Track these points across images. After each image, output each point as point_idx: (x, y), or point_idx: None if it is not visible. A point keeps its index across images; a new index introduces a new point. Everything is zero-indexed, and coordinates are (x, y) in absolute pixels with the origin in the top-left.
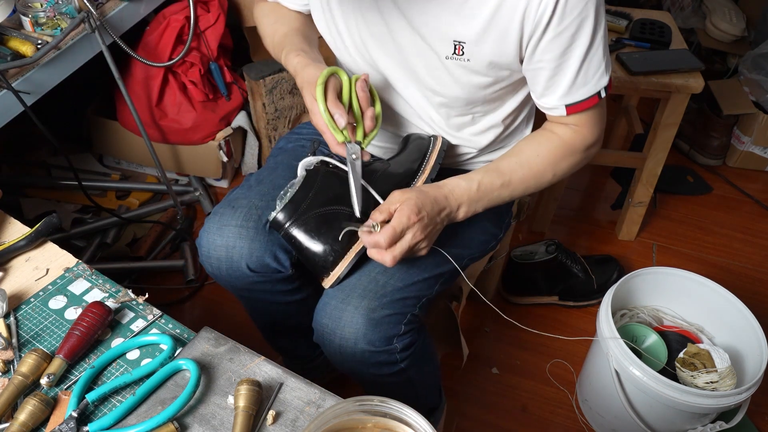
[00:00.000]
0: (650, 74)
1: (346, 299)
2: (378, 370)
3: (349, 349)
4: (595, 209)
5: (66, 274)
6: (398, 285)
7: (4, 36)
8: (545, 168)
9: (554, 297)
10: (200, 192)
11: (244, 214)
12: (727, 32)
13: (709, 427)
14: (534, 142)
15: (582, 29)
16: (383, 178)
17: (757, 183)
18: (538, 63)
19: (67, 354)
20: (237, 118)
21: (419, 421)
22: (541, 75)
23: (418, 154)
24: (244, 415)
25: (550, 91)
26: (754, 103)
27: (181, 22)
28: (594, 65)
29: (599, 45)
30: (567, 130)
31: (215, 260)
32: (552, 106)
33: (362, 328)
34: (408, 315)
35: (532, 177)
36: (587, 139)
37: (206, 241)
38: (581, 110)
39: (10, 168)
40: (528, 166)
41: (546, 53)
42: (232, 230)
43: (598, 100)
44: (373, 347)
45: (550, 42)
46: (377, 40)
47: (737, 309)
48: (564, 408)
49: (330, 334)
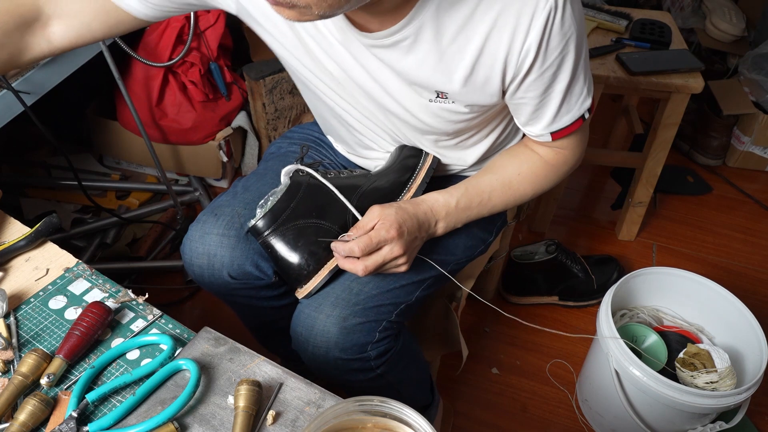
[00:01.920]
0: (650, 74)
1: (319, 308)
2: (354, 377)
3: (321, 357)
4: (595, 209)
5: (66, 274)
6: (372, 292)
7: None
8: (526, 187)
9: (554, 297)
10: (200, 192)
11: (226, 223)
12: (727, 32)
13: (709, 427)
14: (516, 161)
15: (563, 65)
16: (368, 195)
17: (757, 183)
18: (520, 99)
19: (67, 354)
20: (237, 118)
21: (419, 421)
22: (525, 109)
23: (405, 170)
24: (244, 415)
25: (535, 122)
26: (754, 103)
27: (181, 22)
28: (576, 94)
29: (580, 74)
30: (550, 151)
31: (197, 267)
32: (537, 134)
33: (334, 336)
34: (383, 322)
35: (511, 195)
36: (569, 161)
37: (188, 249)
38: (567, 134)
39: (10, 168)
40: (509, 185)
41: (528, 92)
42: (213, 238)
43: (582, 123)
44: (346, 355)
45: (533, 83)
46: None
47: (737, 309)
48: (564, 408)
49: (304, 343)
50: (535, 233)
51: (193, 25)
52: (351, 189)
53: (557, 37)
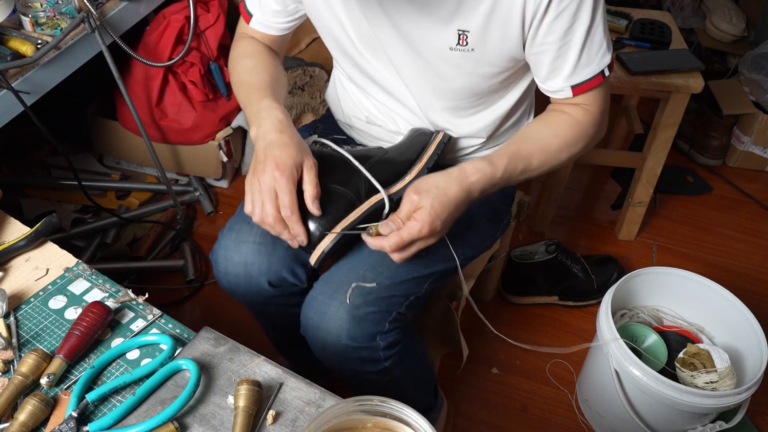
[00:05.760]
0: (650, 74)
1: (333, 294)
2: (360, 367)
3: (331, 344)
4: (595, 209)
5: (66, 274)
6: (385, 283)
7: (4, 36)
8: (561, 149)
9: (554, 297)
10: (200, 192)
11: (261, 230)
12: (727, 32)
13: (709, 427)
14: (551, 123)
15: (582, 7)
16: (380, 164)
17: (757, 183)
18: (540, 46)
19: (67, 354)
20: (237, 118)
21: (419, 421)
22: (545, 58)
23: (418, 146)
24: (244, 415)
25: (555, 74)
26: (754, 103)
27: (181, 22)
28: (596, 43)
29: (600, 23)
30: (578, 109)
31: (233, 277)
32: (558, 88)
33: (345, 323)
34: (393, 313)
35: (548, 160)
36: (596, 118)
37: (223, 258)
38: (587, 90)
39: (10, 168)
40: (547, 150)
41: (548, 35)
42: (250, 246)
43: (602, 79)
44: (356, 343)
45: (552, 23)
46: (383, 33)
47: (737, 309)
48: (564, 408)
49: (314, 328)
50: (535, 233)
51: (193, 25)
52: (364, 158)
53: None
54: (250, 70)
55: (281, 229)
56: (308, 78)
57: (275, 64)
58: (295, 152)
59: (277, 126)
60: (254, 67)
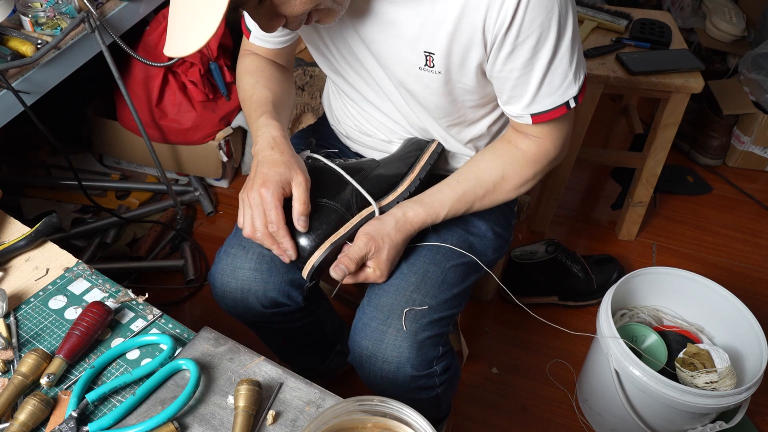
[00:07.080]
0: (650, 74)
1: (386, 321)
2: (416, 395)
3: (390, 374)
4: (595, 209)
5: (66, 274)
6: (433, 303)
7: (4, 36)
8: (509, 191)
9: (554, 297)
10: (200, 192)
11: (256, 257)
12: (727, 32)
13: (709, 427)
14: (503, 160)
15: (543, 41)
16: (372, 177)
17: (757, 183)
18: (500, 73)
19: (67, 354)
20: (237, 118)
21: (419, 421)
22: (506, 84)
23: (410, 157)
24: (244, 415)
25: (515, 101)
26: (754, 103)
27: None
28: (559, 76)
29: (565, 55)
30: (532, 144)
31: (231, 301)
32: (517, 114)
33: (406, 351)
34: (444, 335)
35: (494, 200)
36: (551, 153)
37: (220, 283)
38: (548, 120)
39: (10, 168)
40: (495, 191)
41: (507, 64)
42: (246, 273)
43: (566, 111)
44: (417, 371)
45: (511, 54)
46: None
47: (737, 309)
48: (564, 408)
49: (371, 357)
50: (535, 233)
51: None
52: (355, 172)
53: (535, 10)
54: (252, 86)
55: (270, 243)
56: (308, 78)
57: (278, 78)
58: (283, 169)
59: (270, 143)
60: (255, 84)
